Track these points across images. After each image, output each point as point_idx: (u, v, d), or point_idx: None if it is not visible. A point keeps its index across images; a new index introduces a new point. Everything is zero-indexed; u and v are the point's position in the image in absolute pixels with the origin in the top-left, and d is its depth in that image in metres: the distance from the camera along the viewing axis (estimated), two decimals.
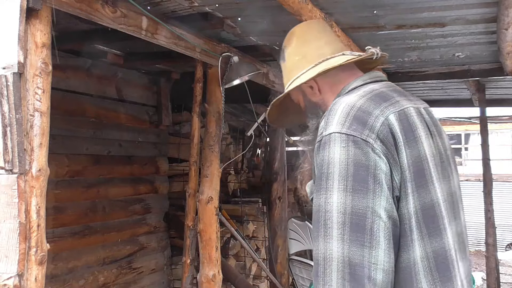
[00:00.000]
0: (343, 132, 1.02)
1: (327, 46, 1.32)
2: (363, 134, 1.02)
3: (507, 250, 8.71)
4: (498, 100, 5.46)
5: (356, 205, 0.97)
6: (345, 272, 0.95)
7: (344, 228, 0.96)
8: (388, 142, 1.03)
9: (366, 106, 1.07)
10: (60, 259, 3.39)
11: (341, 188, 0.98)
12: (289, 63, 1.36)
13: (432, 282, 1.01)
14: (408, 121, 1.08)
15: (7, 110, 1.49)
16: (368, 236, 0.95)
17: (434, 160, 1.10)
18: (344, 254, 0.96)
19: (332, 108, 1.10)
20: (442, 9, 2.33)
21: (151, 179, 4.39)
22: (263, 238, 4.84)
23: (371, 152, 1.00)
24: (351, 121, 1.04)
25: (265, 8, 2.31)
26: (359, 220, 0.96)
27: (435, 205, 1.06)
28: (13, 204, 1.50)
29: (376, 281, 0.95)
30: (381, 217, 0.97)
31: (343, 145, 1.01)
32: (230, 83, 2.88)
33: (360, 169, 0.99)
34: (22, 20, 1.53)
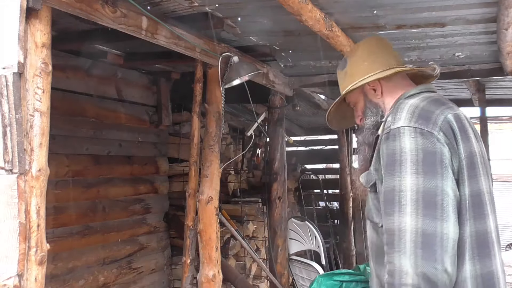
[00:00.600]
0: (411, 126, 1.21)
1: (393, 58, 1.56)
2: (428, 127, 1.21)
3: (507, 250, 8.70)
4: (498, 100, 5.45)
5: (428, 185, 1.14)
6: (418, 241, 1.11)
7: (417, 204, 1.13)
8: (449, 134, 1.22)
9: (428, 107, 1.27)
10: (60, 259, 3.39)
11: (413, 171, 1.16)
12: (354, 69, 1.54)
13: (471, 256, 1.19)
14: (461, 122, 1.28)
15: (7, 110, 1.48)
16: (440, 210, 1.12)
17: (480, 158, 1.28)
18: (418, 226, 1.12)
19: (399, 107, 1.30)
20: (442, 9, 2.32)
21: (151, 179, 4.38)
22: (263, 238, 4.84)
23: (436, 141, 1.19)
24: (417, 117, 1.23)
25: (265, 8, 2.31)
26: (430, 197, 1.13)
27: (482, 194, 1.25)
28: (13, 204, 1.50)
29: (447, 248, 1.11)
30: (449, 195, 1.15)
31: (412, 136, 1.19)
32: (230, 83, 2.88)
33: (428, 155, 1.17)
34: (22, 20, 1.53)
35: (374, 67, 1.50)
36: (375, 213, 1.36)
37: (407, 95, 1.41)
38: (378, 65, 1.50)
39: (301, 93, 4.45)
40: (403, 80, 1.52)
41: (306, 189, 6.64)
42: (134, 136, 4.17)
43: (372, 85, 1.51)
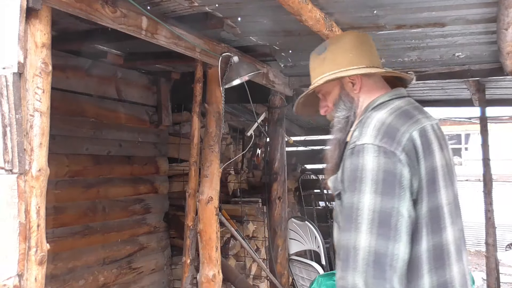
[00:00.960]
0: (375, 144, 1.23)
1: (376, 57, 1.54)
2: (392, 146, 1.22)
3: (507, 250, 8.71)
4: (498, 100, 5.45)
5: (384, 205, 1.17)
6: (370, 259, 1.15)
7: (373, 223, 1.16)
8: (412, 154, 1.24)
9: (394, 123, 1.28)
10: (60, 259, 3.39)
11: (372, 190, 1.19)
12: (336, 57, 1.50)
13: (429, 269, 1.23)
14: (426, 137, 1.30)
15: (7, 110, 1.48)
16: (393, 231, 1.16)
17: (442, 170, 1.31)
18: (371, 245, 1.15)
19: (366, 122, 1.31)
20: (442, 9, 2.32)
21: (151, 179, 4.39)
22: (263, 238, 4.84)
23: (397, 162, 1.21)
24: (382, 135, 1.24)
25: (265, 8, 2.31)
26: (386, 218, 1.16)
27: (440, 208, 1.27)
28: (13, 204, 1.50)
29: (396, 268, 1.15)
30: (403, 216, 1.18)
31: (375, 155, 1.22)
32: (230, 83, 2.88)
33: (388, 176, 1.19)
34: (22, 20, 1.53)
35: (358, 61, 1.47)
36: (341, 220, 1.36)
37: (377, 103, 1.42)
38: (363, 59, 1.48)
39: (301, 93, 4.42)
40: (380, 82, 1.51)
41: (306, 189, 6.64)
42: (134, 136, 4.17)
43: (353, 79, 1.48)
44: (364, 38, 1.57)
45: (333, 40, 1.58)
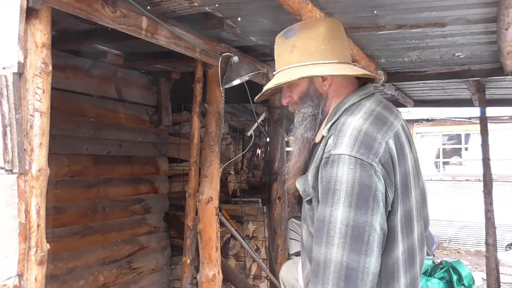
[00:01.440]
0: (352, 155, 1.18)
1: (348, 50, 1.46)
2: (369, 158, 1.18)
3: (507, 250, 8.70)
4: (498, 100, 5.45)
5: (358, 220, 1.14)
6: (341, 274, 1.13)
7: (345, 237, 1.14)
8: (388, 165, 1.22)
9: (370, 131, 1.23)
10: (60, 259, 3.39)
11: (346, 203, 1.15)
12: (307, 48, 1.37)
13: (404, 270, 1.26)
14: (400, 142, 1.28)
15: (7, 110, 1.48)
16: (365, 246, 1.14)
17: (412, 171, 1.32)
18: (343, 259, 1.13)
19: (341, 129, 1.25)
20: (442, 9, 2.32)
21: (151, 179, 4.39)
22: (263, 238, 4.84)
23: (373, 175, 1.18)
24: (359, 145, 1.19)
25: (265, 8, 2.31)
26: (359, 232, 1.14)
27: (411, 210, 1.29)
28: (13, 204, 1.50)
29: (367, 282, 1.14)
30: (376, 231, 1.16)
31: (351, 167, 1.17)
32: (230, 83, 2.88)
33: (363, 189, 1.16)
34: (22, 20, 1.53)
35: (331, 55, 1.36)
36: (310, 222, 1.35)
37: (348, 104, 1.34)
38: (336, 53, 1.37)
39: None
40: (349, 77, 1.41)
41: None
42: (134, 136, 4.17)
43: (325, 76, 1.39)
44: (338, 27, 1.44)
45: (304, 26, 1.42)
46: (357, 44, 2.89)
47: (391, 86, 4.48)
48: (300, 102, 1.42)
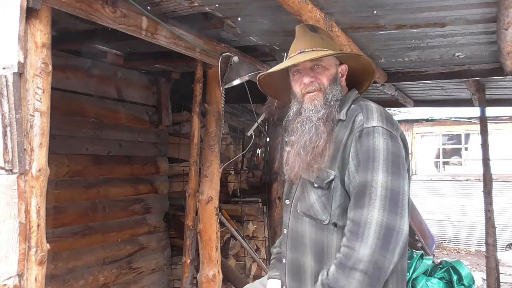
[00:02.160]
0: (384, 127, 1.35)
1: None
2: (394, 131, 1.37)
3: (507, 250, 8.69)
4: (498, 100, 5.44)
5: (394, 184, 1.28)
6: (381, 233, 1.25)
7: (386, 200, 1.27)
8: (404, 139, 1.41)
9: (387, 112, 1.42)
10: (60, 259, 3.39)
11: (384, 169, 1.29)
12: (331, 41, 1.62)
13: None
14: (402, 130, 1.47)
15: (7, 110, 1.49)
16: (400, 208, 1.27)
17: None
18: (383, 219, 1.26)
19: (367, 108, 1.42)
20: (442, 9, 2.32)
21: (151, 179, 4.38)
22: (263, 238, 4.84)
23: (400, 145, 1.36)
24: (386, 120, 1.38)
25: (265, 8, 2.31)
26: (395, 195, 1.27)
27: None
28: (13, 204, 1.50)
29: (399, 241, 1.26)
30: (406, 194, 1.30)
31: (385, 137, 1.33)
32: (230, 83, 2.88)
33: (395, 157, 1.32)
34: (22, 20, 1.53)
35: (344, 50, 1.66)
36: (321, 210, 1.40)
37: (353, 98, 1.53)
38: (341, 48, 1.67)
39: None
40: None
41: None
42: (134, 136, 4.17)
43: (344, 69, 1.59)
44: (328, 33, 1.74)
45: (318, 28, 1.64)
46: (357, 44, 2.89)
47: (391, 86, 4.48)
48: (329, 85, 1.51)
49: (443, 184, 10.08)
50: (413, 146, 10.66)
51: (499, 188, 7.49)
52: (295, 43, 1.60)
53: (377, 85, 4.10)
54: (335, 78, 1.54)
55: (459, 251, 9.44)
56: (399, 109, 10.17)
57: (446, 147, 10.82)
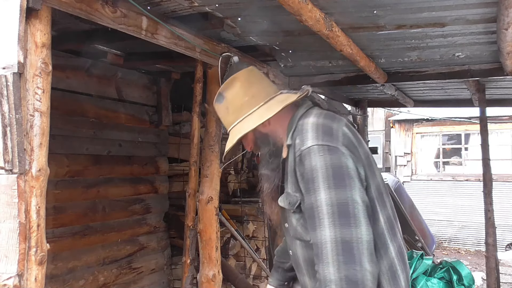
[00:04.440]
0: (319, 144, 1.33)
1: (269, 87, 1.60)
2: (333, 142, 1.34)
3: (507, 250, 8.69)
4: (498, 100, 5.45)
5: (340, 197, 1.27)
6: (339, 249, 1.24)
7: (334, 216, 1.26)
8: (350, 145, 1.37)
9: (326, 122, 1.40)
10: (60, 259, 3.39)
11: (325, 186, 1.28)
12: (236, 105, 1.55)
13: (390, 239, 1.40)
14: (352, 130, 1.44)
15: (7, 110, 1.49)
16: (353, 218, 1.26)
17: (370, 156, 1.47)
18: (336, 236, 1.25)
19: (302, 128, 1.40)
20: (442, 9, 2.32)
21: (151, 179, 4.38)
22: (263, 238, 4.84)
23: (341, 156, 1.32)
24: (322, 134, 1.35)
25: (265, 8, 2.31)
26: (343, 208, 1.26)
27: (380, 186, 1.44)
28: (13, 204, 1.50)
29: (362, 250, 1.24)
30: (358, 203, 1.28)
31: (321, 154, 1.31)
32: None
33: (337, 169, 1.30)
34: (22, 20, 1.53)
35: (255, 102, 1.53)
36: (303, 232, 1.44)
37: (300, 115, 1.49)
38: (259, 97, 1.54)
39: None
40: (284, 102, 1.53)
41: None
42: (134, 136, 4.17)
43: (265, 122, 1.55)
44: (251, 74, 1.61)
45: (226, 88, 1.59)
46: (357, 44, 2.89)
47: (391, 86, 4.48)
48: (257, 147, 1.61)
49: (443, 184, 10.09)
50: (413, 146, 10.66)
51: (499, 188, 7.49)
52: None
53: (377, 85, 4.11)
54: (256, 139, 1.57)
55: (459, 251, 9.44)
56: (399, 109, 10.18)
57: (446, 147, 10.83)
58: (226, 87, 1.59)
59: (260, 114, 1.50)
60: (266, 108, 1.51)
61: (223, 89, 1.59)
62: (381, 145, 10.98)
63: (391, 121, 10.99)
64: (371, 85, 4.34)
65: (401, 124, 10.80)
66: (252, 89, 1.55)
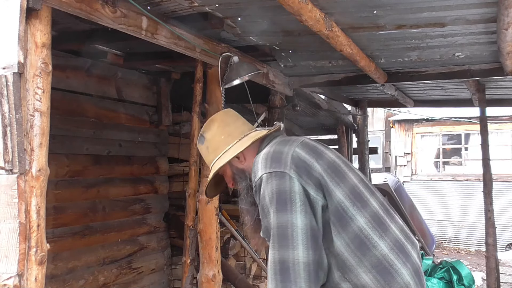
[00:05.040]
0: (267, 172, 1.42)
1: (244, 125, 1.72)
2: (280, 167, 1.41)
3: (507, 250, 8.69)
4: (498, 100, 5.45)
5: (280, 221, 1.36)
6: (276, 268, 1.34)
7: (274, 238, 1.36)
8: (300, 165, 1.42)
9: (277, 149, 1.49)
10: (60, 259, 3.39)
11: (272, 211, 1.38)
12: (214, 144, 1.68)
13: (378, 234, 1.42)
14: (309, 145, 1.50)
15: (7, 110, 1.49)
16: (290, 241, 1.33)
17: (339, 160, 1.52)
18: (275, 256, 1.35)
19: (255, 161, 1.52)
20: (442, 9, 2.32)
21: (151, 179, 4.38)
22: None
23: (287, 180, 1.39)
24: (270, 162, 1.44)
25: (265, 8, 2.31)
26: (282, 231, 1.35)
27: (355, 187, 1.47)
28: (13, 204, 1.50)
29: (299, 271, 1.32)
30: (297, 226, 1.34)
31: (269, 181, 1.41)
32: (230, 83, 2.88)
33: (281, 194, 1.38)
34: (22, 20, 1.53)
35: (231, 139, 1.65)
36: None
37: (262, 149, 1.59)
38: (234, 135, 1.66)
39: (301, 93, 4.45)
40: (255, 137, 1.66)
41: None
42: (134, 136, 4.17)
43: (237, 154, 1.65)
44: (228, 115, 1.77)
45: (206, 129, 1.72)
46: (357, 44, 2.89)
47: (391, 86, 4.48)
48: (235, 182, 1.70)
49: (443, 184, 10.09)
50: (413, 146, 10.66)
51: (499, 188, 7.49)
52: None
53: (377, 85, 4.11)
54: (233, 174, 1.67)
55: (459, 251, 9.44)
56: (399, 109, 10.18)
57: (446, 147, 10.83)
58: (206, 129, 1.72)
59: (233, 149, 1.63)
60: (239, 144, 1.63)
61: (204, 131, 1.73)
62: (381, 145, 10.97)
63: (391, 121, 10.99)
64: (371, 85, 4.34)
65: (401, 124, 10.80)
66: (227, 128, 1.69)
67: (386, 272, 1.39)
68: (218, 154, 1.66)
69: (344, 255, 1.38)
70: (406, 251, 1.45)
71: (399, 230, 1.51)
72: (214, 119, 1.74)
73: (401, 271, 1.40)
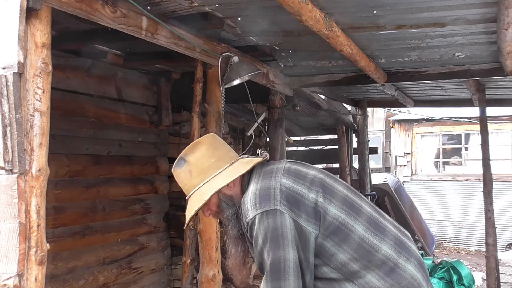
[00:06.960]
0: (258, 213, 1.45)
1: (231, 151, 1.67)
2: (270, 204, 1.44)
3: (507, 250, 8.69)
4: (498, 100, 5.45)
5: (273, 257, 1.43)
6: None
7: (268, 273, 1.45)
8: (291, 197, 1.46)
9: (263, 185, 1.50)
10: (60, 259, 3.39)
11: (265, 249, 1.45)
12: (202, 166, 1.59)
13: (378, 238, 1.48)
14: (292, 172, 1.53)
15: (7, 110, 1.49)
16: (282, 273, 1.42)
17: (323, 175, 1.55)
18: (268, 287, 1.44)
19: (244, 201, 1.52)
20: (442, 9, 2.32)
21: (151, 179, 4.38)
22: None
23: (278, 217, 1.43)
24: (259, 201, 1.46)
25: (265, 8, 2.31)
26: (276, 266, 1.43)
27: (346, 197, 1.52)
28: (13, 204, 1.50)
29: None
30: (290, 260, 1.42)
31: (261, 222, 1.44)
32: (230, 83, 2.88)
33: (273, 232, 1.43)
34: (22, 20, 1.53)
35: (222, 163, 1.59)
36: None
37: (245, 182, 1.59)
38: (224, 159, 1.60)
39: (301, 93, 4.45)
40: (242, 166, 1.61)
41: None
42: (134, 136, 4.17)
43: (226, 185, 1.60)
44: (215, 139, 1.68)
45: (189, 151, 1.62)
46: (357, 44, 2.89)
47: (391, 86, 4.48)
48: (220, 210, 1.63)
49: (443, 184, 10.08)
50: (413, 146, 10.66)
51: (499, 188, 7.49)
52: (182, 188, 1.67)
53: (377, 85, 4.11)
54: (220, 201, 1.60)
55: (459, 251, 9.44)
56: (399, 109, 10.18)
57: (446, 147, 10.83)
58: (188, 152, 1.61)
59: (227, 174, 1.57)
60: (233, 168, 1.58)
61: (184, 154, 1.62)
62: (381, 145, 10.96)
63: (391, 121, 10.99)
64: (371, 85, 4.34)
65: (401, 124, 10.80)
66: (217, 152, 1.62)
67: (393, 272, 1.45)
68: (206, 178, 1.56)
69: (350, 265, 1.44)
70: (406, 246, 1.51)
71: (393, 226, 1.56)
72: (201, 141, 1.64)
73: (407, 267, 1.46)
